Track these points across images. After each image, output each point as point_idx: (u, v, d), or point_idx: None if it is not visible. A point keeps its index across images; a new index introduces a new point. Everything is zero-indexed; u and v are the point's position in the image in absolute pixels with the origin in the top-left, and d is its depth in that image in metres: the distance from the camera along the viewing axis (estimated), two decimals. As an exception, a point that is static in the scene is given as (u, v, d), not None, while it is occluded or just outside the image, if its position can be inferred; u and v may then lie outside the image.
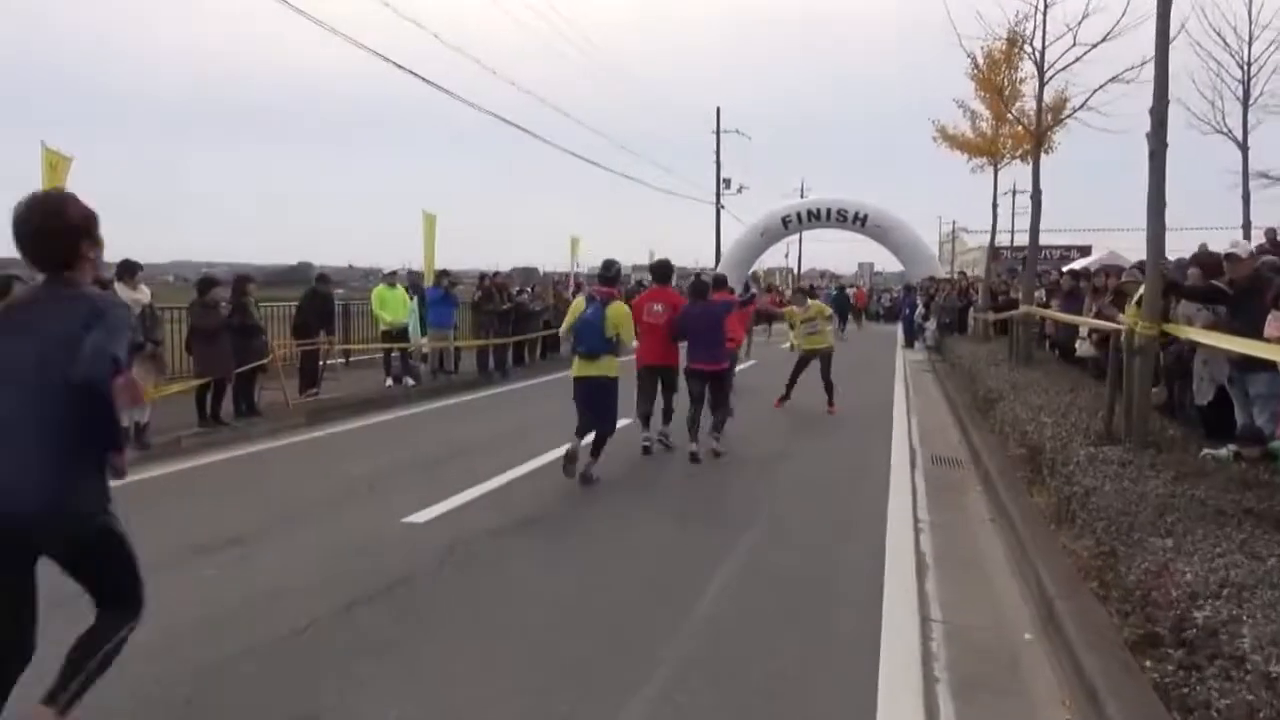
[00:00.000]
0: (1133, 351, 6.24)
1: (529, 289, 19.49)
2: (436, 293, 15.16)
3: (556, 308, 19.66)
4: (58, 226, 2.76)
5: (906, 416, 12.08)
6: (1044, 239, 35.67)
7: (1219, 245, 10.76)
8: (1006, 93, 17.08)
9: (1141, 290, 8.99)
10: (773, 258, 69.37)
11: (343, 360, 16.54)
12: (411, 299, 14.92)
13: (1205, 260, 7.36)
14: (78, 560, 2.88)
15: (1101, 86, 11.46)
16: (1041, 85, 12.02)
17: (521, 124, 26.77)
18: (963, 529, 6.42)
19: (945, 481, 8.00)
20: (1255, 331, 5.95)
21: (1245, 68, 19.95)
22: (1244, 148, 20.41)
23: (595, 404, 7.97)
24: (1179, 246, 11.36)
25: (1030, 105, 17.28)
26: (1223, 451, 6.02)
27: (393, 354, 14.43)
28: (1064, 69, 11.78)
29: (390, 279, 14.63)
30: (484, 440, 9.92)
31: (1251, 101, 20.17)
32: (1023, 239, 42.46)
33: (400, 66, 18.01)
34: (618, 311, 8.01)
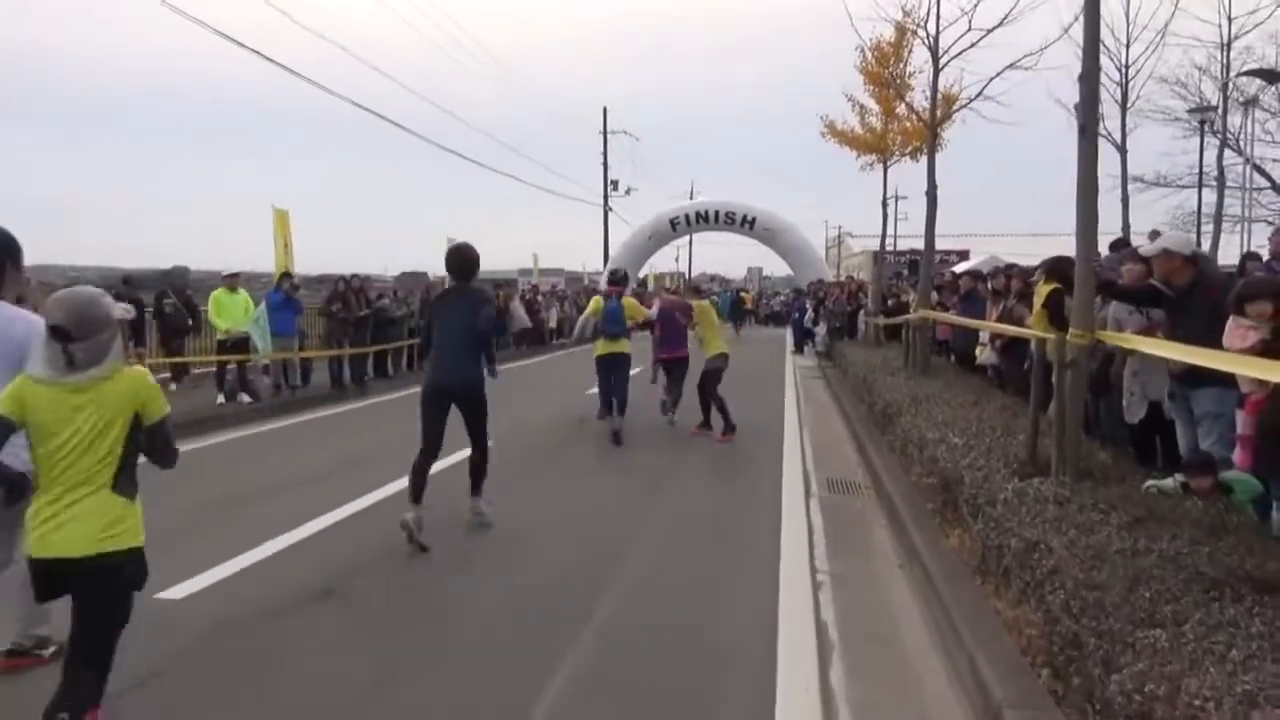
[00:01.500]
0: (1062, 364, 5.23)
1: (393, 293, 17.84)
2: (277, 296, 13.43)
3: (423, 313, 18.13)
4: None
5: (799, 430, 11.06)
6: (918, 244, 36.06)
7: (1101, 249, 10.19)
8: (896, 84, 16.42)
9: (1046, 293, 8.20)
10: (664, 262, 68.90)
11: (168, 375, 14.67)
12: (258, 305, 13.18)
13: (1141, 257, 6.46)
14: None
15: (1000, 73, 10.71)
16: (936, 72, 11.21)
17: (406, 124, 25.05)
18: (870, 583, 5.30)
19: (845, 514, 6.91)
20: (1200, 339, 5.01)
21: (1123, 70, 19.91)
22: (1123, 150, 20.38)
23: (618, 372, 10.24)
24: (1047, 252, 10.73)
25: (921, 99, 16.72)
26: (1168, 482, 5.05)
27: (228, 367, 12.66)
28: (959, 54, 10.98)
29: (231, 281, 12.81)
30: (312, 470, 8.39)
31: (1129, 105, 20.23)
32: (905, 244, 42.90)
33: (286, 67, 16.18)
34: (630, 303, 10.78)
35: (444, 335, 6.30)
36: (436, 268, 24.47)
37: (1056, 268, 8.22)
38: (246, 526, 6.31)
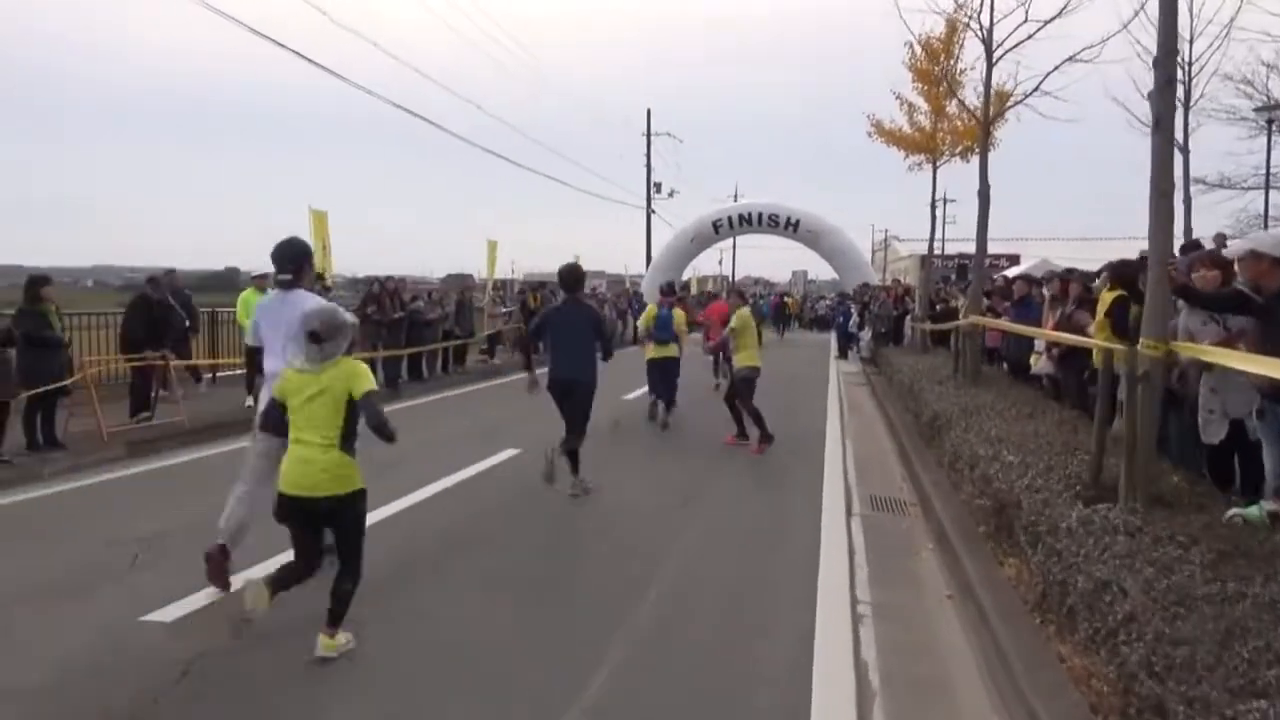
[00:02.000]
0: (1134, 378, 4.72)
1: (427, 295, 17.62)
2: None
3: (459, 315, 17.89)
4: None
5: (840, 440, 10.56)
6: (966, 248, 35.08)
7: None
8: (948, 79, 15.82)
9: (1110, 300, 7.63)
10: (708, 265, 68.39)
11: (210, 377, 14.56)
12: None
13: (1220, 260, 5.90)
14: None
15: (1058, 67, 10.12)
16: (990, 66, 10.65)
17: (446, 125, 24.97)
18: (916, 617, 4.83)
19: (889, 537, 6.44)
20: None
21: (1186, 67, 19.05)
22: (1185, 151, 19.50)
23: (668, 374, 11.48)
24: (1102, 257, 10.15)
25: (973, 97, 16.10)
26: (1254, 511, 4.53)
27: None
28: (1014, 47, 10.41)
29: (260, 281, 12.60)
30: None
31: (1192, 103, 19.35)
32: (953, 248, 41.87)
33: (344, 77, 16.03)
34: (679, 315, 11.90)
35: (564, 339, 7.69)
36: (478, 268, 24.32)
37: (1121, 273, 7.66)
38: (254, 540, 6.00)
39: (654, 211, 45.68)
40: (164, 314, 10.51)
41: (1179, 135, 19.59)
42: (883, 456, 9.58)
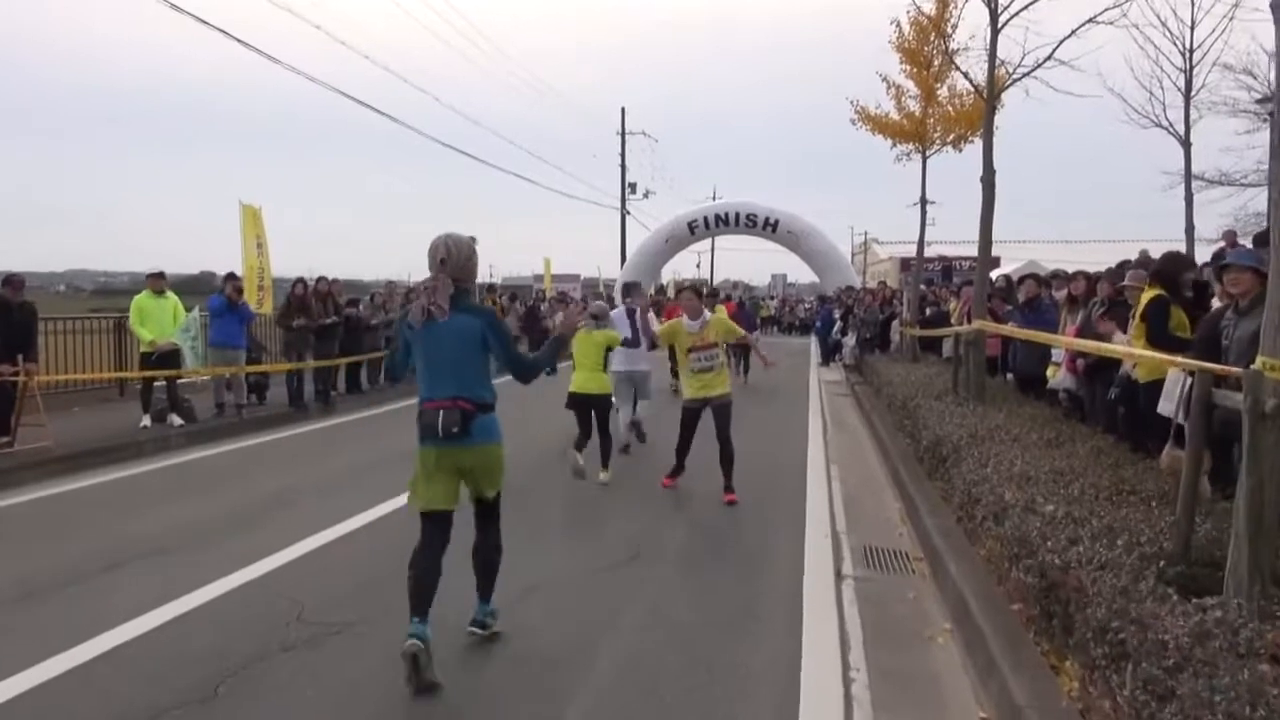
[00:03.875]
0: (1257, 416, 3.24)
1: (368, 298, 16.02)
2: (218, 302, 11.60)
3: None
4: None
5: (825, 466, 9.08)
6: (945, 251, 33.77)
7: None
8: (937, 64, 14.41)
9: (1147, 300, 6.20)
10: (686, 268, 66.98)
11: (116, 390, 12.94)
12: (191, 310, 11.40)
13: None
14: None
15: (1078, 30, 8.67)
16: (995, 33, 9.20)
17: (402, 119, 23.43)
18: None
19: (892, 612, 4.92)
20: None
21: (1187, 55, 17.73)
22: (1186, 144, 18.19)
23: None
24: (1106, 259, 8.80)
25: (977, 72, 14.69)
26: None
27: (155, 384, 10.86)
28: (1024, 8, 8.97)
29: (156, 283, 10.97)
30: (211, 519, 6.53)
31: (1193, 93, 18.05)
32: (932, 251, 40.59)
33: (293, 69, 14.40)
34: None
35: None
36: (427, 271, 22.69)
37: (1165, 270, 6.26)
38: (111, 598, 4.44)
39: (629, 213, 44.30)
40: (23, 319, 8.86)
41: (1179, 127, 18.35)
42: (875, 489, 8.09)
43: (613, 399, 8.70)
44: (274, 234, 16.07)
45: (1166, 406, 5.29)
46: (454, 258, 4.12)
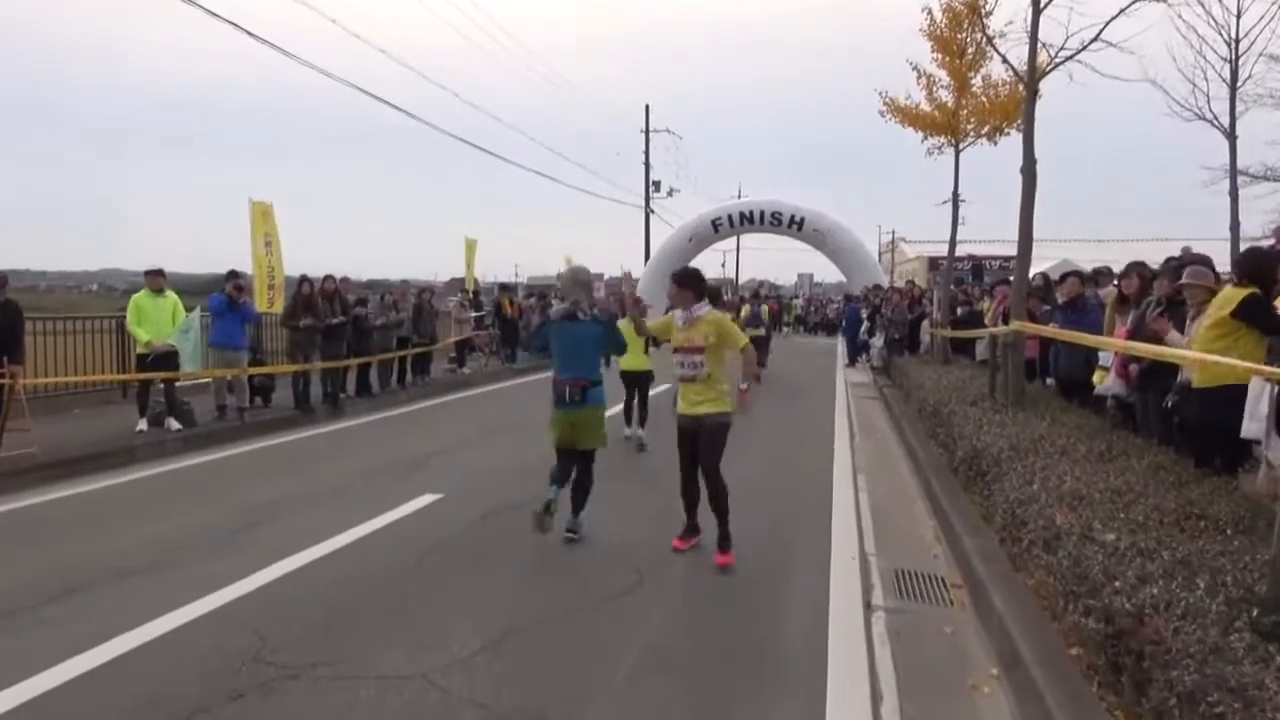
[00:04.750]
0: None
1: (380, 297, 15.58)
2: (218, 301, 11.17)
3: (418, 320, 15.84)
4: None
5: (852, 476, 8.48)
6: (974, 250, 32.82)
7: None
8: (971, 52, 13.74)
9: (1240, 297, 5.53)
10: (710, 267, 66.26)
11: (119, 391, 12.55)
12: (192, 310, 10.98)
13: None
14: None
15: (1124, 10, 8.00)
16: (1037, 12, 8.55)
17: (423, 116, 23.06)
18: None
19: (929, 650, 4.34)
20: None
21: (1233, 45, 16.95)
22: (1231, 137, 17.39)
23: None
24: (1145, 258, 8.11)
25: (998, 72, 14.01)
26: None
27: (153, 386, 10.44)
28: (1067, -15, 8.32)
29: (155, 281, 10.54)
30: (185, 536, 6.05)
31: (1239, 85, 17.23)
32: (962, 250, 39.68)
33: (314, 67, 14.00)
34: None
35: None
36: (457, 271, 22.28)
37: (1257, 266, 5.61)
38: (51, 632, 3.96)
39: (653, 211, 43.73)
40: (6, 320, 8.45)
41: (1224, 120, 17.54)
42: (906, 503, 7.48)
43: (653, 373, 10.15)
44: (290, 232, 15.68)
45: (1253, 428, 4.66)
46: (586, 283, 6.36)
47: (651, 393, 10.38)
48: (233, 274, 11.54)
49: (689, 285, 5.85)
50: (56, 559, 5.62)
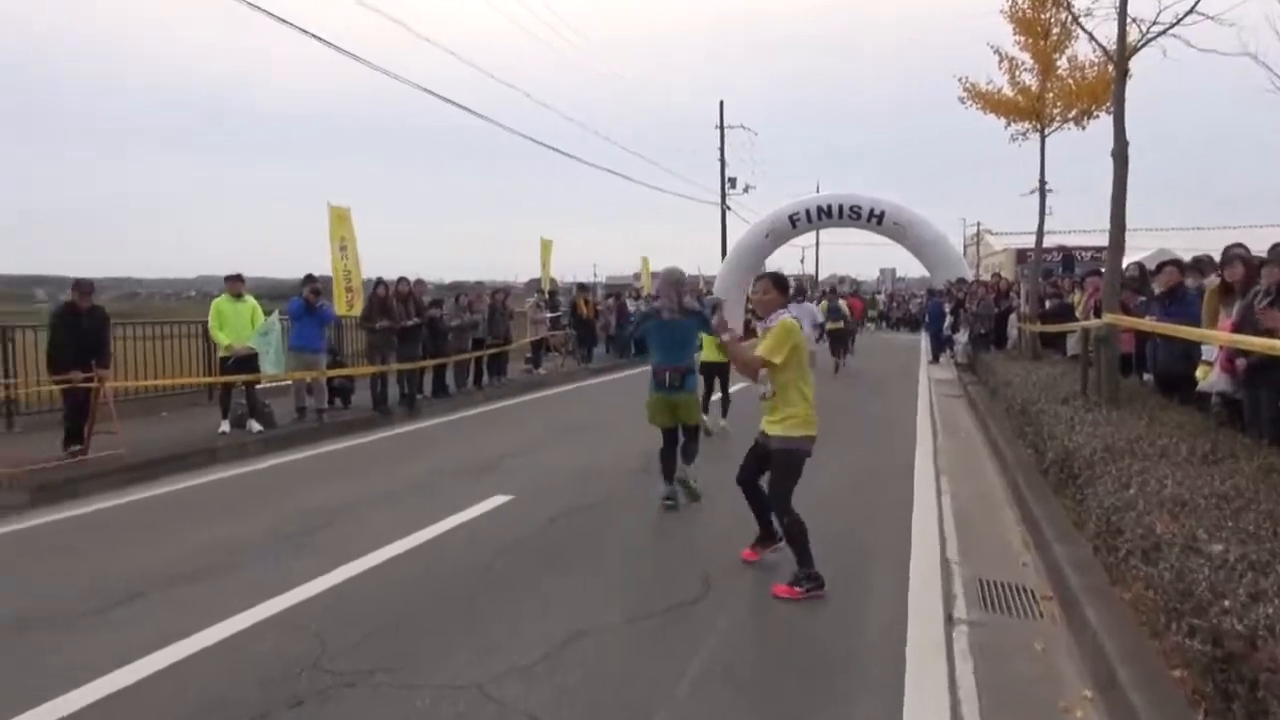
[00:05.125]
0: None
1: (455, 299, 15.68)
2: (297, 305, 11.36)
3: (492, 322, 15.91)
4: None
5: (934, 478, 8.15)
6: (1064, 241, 31.50)
7: None
8: (1056, 32, 13.15)
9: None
10: (789, 263, 65.47)
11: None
12: (271, 314, 11.18)
13: None
14: None
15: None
16: (1128, -14, 8.07)
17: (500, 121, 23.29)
18: None
19: (1017, 668, 4.05)
20: None
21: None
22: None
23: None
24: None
25: (1084, 52, 13.38)
26: None
27: (235, 389, 10.67)
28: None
29: (236, 286, 10.78)
30: (254, 537, 6.10)
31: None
32: (1049, 241, 38.29)
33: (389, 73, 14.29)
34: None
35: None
36: (537, 272, 22.38)
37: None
38: (94, 643, 4.00)
39: (729, 208, 43.37)
40: (94, 325, 8.69)
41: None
42: (992, 506, 7.13)
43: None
44: (373, 236, 15.96)
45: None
46: (682, 281, 7.10)
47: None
48: (309, 278, 11.71)
49: (784, 290, 5.33)
50: (128, 560, 5.71)
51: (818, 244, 66.03)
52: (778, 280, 5.33)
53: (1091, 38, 9.46)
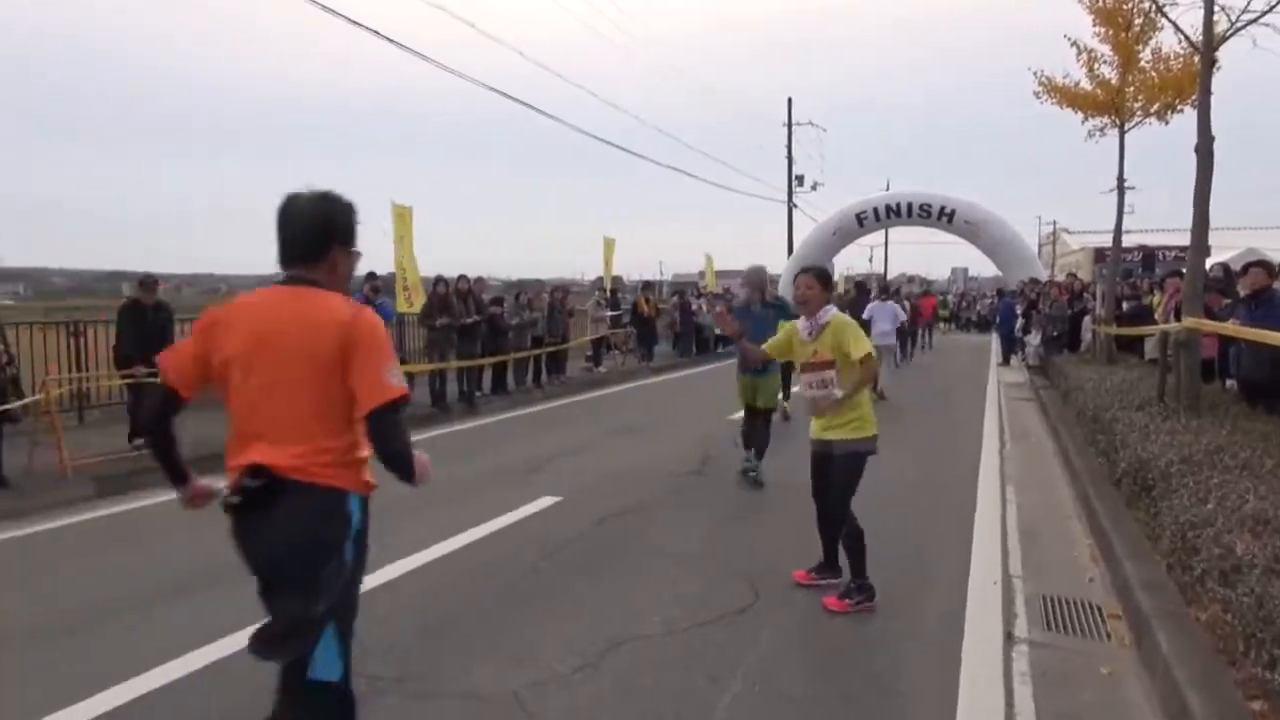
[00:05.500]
0: None
1: (515, 297, 15.72)
2: (358, 300, 11.46)
3: (551, 320, 15.91)
4: None
5: (1000, 486, 7.84)
6: (1146, 239, 30.30)
7: None
8: (1139, 23, 12.61)
9: None
10: (857, 262, 64.55)
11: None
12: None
13: None
14: None
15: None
16: (1216, -29, 7.65)
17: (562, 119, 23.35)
18: None
19: (1079, 697, 3.78)
20: None
21: None
22: None
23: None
24: None
25: (1168, 44, 12.81)
26: None
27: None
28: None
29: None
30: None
31: None
32: (1129, 240, 37.04)
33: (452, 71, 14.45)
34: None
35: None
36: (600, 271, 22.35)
37: None
38: (160, 631, 4.03)
39: (796, 205, 42.88)
40: (159, 321, 8.87)
41: None
42: (1060, 518, 6.80)
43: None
44: (439, 234, 16.10)
45: None
46: (761, 281, 8.16)
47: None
48: (371, 275, 11.82)
49: (827, 283, 5.02)
50: (179, 555, 5.75)
51: (886, 242, 64.93)
52: (821, 275, 5.04)
53: (1176, 28, 8.99)
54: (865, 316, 14.23)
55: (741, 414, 8.24)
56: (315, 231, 2.50)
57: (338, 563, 2.44)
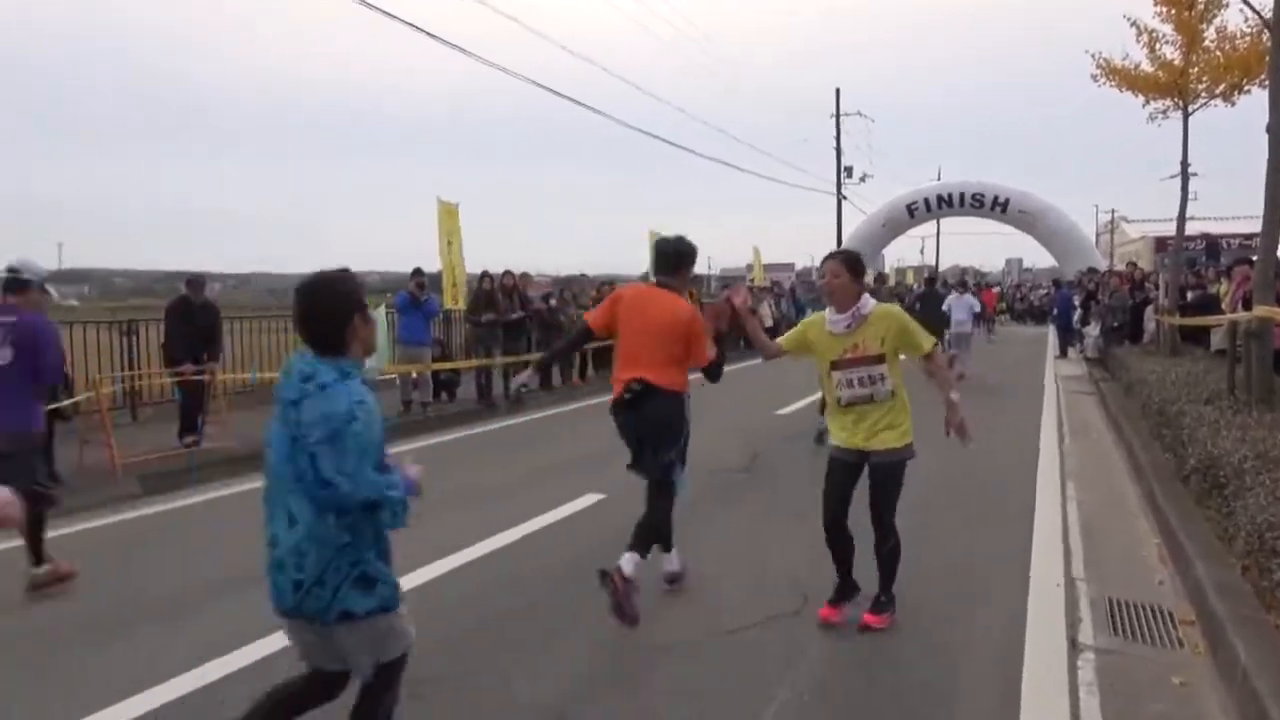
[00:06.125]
0: None
1: (559, 292, 15.66)
2: (403, 299, 11.50)
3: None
4: None
5: (1059, 482, 7.56)
6: (1209, 227, 29.29)
7: None
8: (1203, 2, 12.14)
9: None
10: (909, 253, 63.60)
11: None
12: (378, 307, 11.35)
13: None
14: None
15: None
16: (1286, -57, 7.27)
17: (612, 112, 23.28)
18: None
19: (1149, 709, 3.57)
20: None
21: None
22: None
23: None
24: None
25: (1234, 22, 12.30)
26: None
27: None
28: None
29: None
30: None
31: None
32: (1192, 228, 35.90)
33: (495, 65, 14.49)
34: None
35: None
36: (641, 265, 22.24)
37: None
38: (196, 633, 4.02)
39: (845, 197, 42.33)
40: (206, 320, 8.94)
41: None
42: (1124, 515, 6.53)
43: None
44: (489, 230, 16.09)
45: None
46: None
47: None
48: (417, 272, 11.84)
49: (858, 271, 4.35)
50: (224, 552, 5.75)
51: (938, 233, 63.93)
52: (850, 261, 4.39)
53: (1246, 3, 8.58)
54: (944, 308, 15.69)
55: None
56: (679, 257, 4.77)
57: (683, 431, 4.83)
